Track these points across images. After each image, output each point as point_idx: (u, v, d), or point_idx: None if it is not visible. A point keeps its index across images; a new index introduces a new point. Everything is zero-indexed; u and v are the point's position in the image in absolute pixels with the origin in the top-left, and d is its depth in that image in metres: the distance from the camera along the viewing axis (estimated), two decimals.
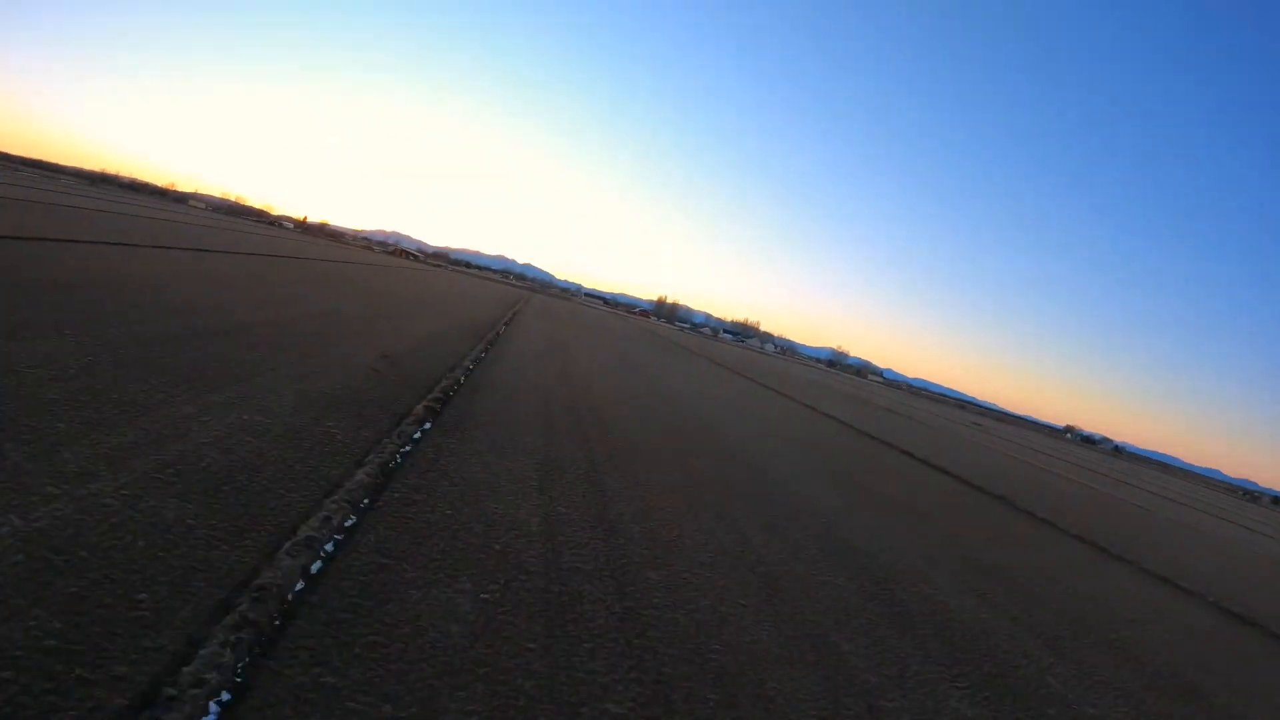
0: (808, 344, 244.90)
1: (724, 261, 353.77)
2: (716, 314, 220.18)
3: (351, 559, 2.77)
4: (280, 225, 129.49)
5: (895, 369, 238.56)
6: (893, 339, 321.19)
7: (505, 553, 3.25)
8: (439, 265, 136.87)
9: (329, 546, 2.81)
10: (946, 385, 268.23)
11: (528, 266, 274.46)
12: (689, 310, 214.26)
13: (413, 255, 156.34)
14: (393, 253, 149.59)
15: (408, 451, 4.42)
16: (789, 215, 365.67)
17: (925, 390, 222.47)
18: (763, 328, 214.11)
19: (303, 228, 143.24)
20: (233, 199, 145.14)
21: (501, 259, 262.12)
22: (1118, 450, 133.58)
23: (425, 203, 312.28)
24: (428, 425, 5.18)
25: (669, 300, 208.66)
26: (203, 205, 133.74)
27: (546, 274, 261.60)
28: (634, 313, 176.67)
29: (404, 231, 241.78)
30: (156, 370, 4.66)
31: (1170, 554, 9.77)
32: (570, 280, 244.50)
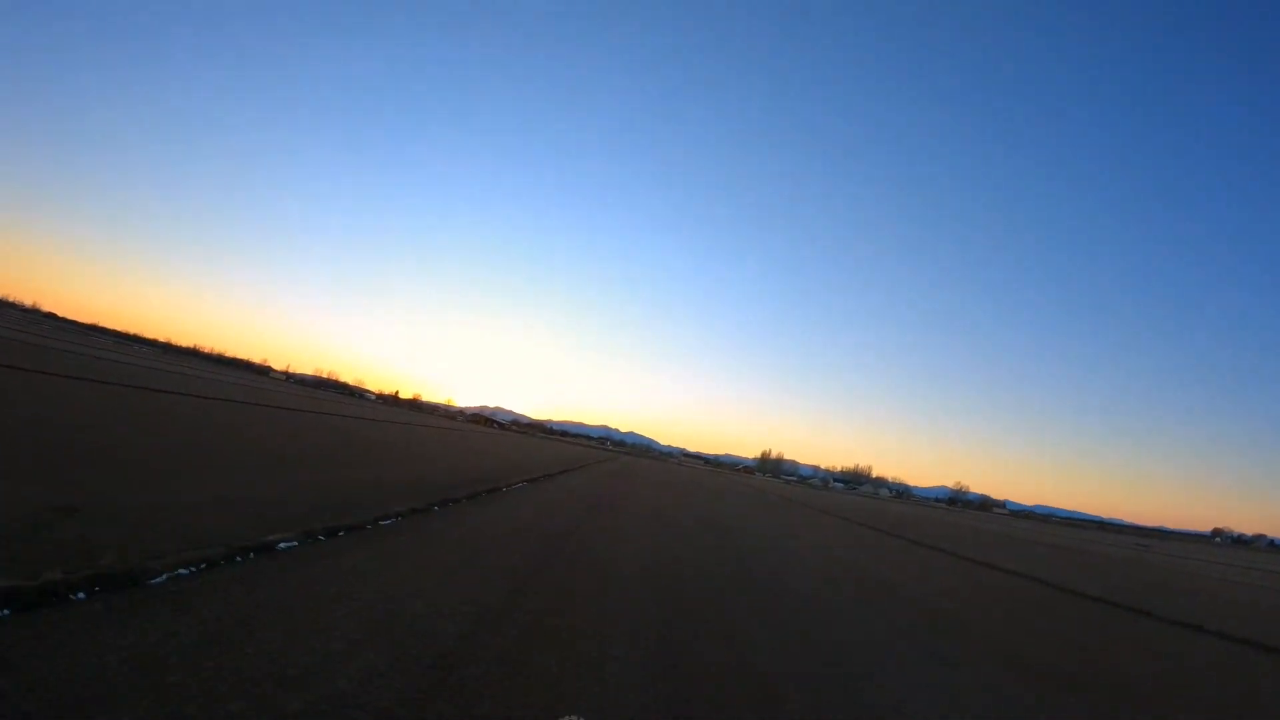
0: (922, 485, 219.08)
1: (828, 412, 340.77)
2: (825, 464, 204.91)
3: None
4: (362, 396, 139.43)
5: (1013, 499, 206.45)
6: (1009, 468, 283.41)
7: None
8: (524, 432, 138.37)
9: None
10: (1069, 508, 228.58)
11: (630, 434, 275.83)
12: (794, 464, 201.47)
13: (496, 423, 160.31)
14: (475, 420, 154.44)
15: None
16: (891, 358, 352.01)
17: (1054, 517, 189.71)
18: (875, 473, 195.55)
19: (389, 400, 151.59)
20: (325, 373, 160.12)
21: (604, 428, 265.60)
22: None
23: (529, 378, 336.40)
24: None
25: (773, 455, 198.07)
26: (283, 377, 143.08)
27: (649, 440, 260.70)
28: (737, 471, 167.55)
29: (506, 406, 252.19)
30: None
31: None
32: (674, 445, 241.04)
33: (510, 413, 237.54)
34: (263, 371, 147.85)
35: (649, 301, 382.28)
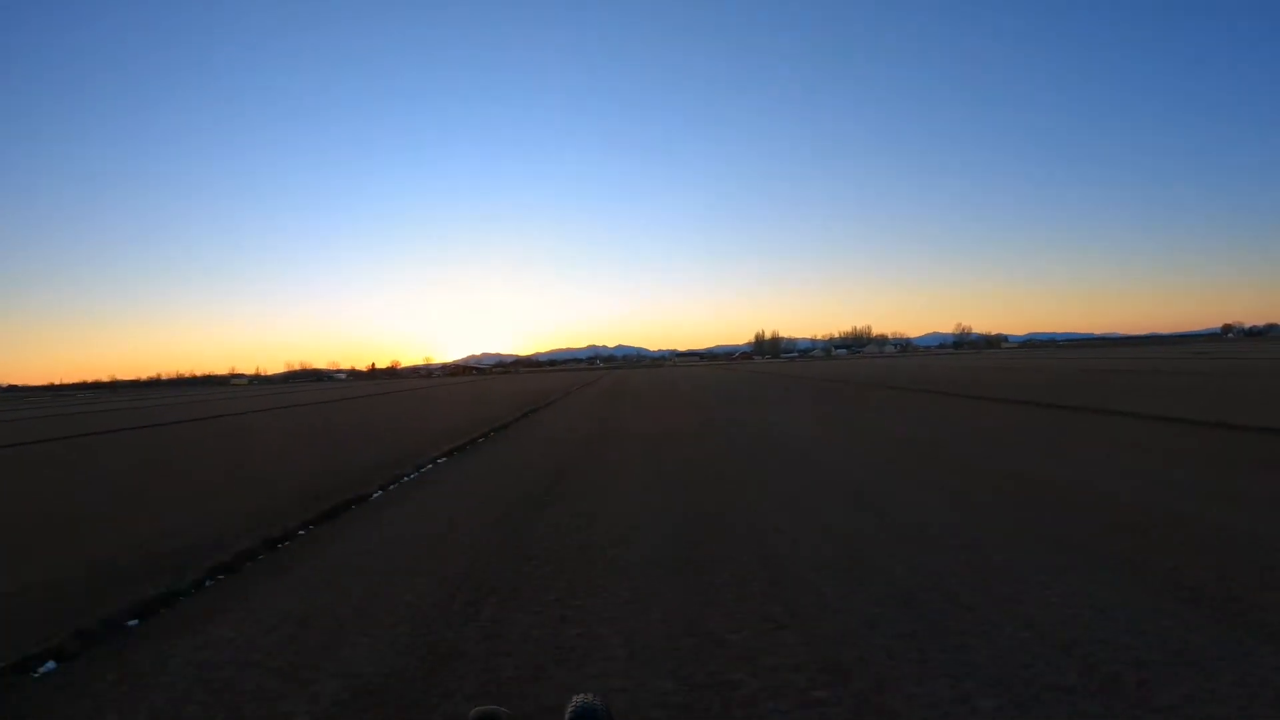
0: (924, 334, 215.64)
1: (817, 282, 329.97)
2: (824, 334, 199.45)
3: None
4: (330, 379, 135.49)
5: (1019, 332, 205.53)
6: (1011, 301, 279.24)
7: None
8: (506, 372, 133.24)
9: None
10: (1079, 331, 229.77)
11: (619, 348, 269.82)
12: (791, 341, 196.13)
13: (475, 371, 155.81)
14: (453, 372, 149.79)
15: None
16: (871, 211, 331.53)
17: (1055, 342, 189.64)
18: (875, 332, 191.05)
19: (363, 375, 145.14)
20: (297, 366, 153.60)
21: (592, 348, 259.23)
22: None
23: (510, 319, 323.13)
24: None
25: (767, 335, 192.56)
26: (244, 381, 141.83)
27: (638, 349, 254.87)
28: (734, 359, 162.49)
29: (492, 351, 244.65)
30: None
31: None
32: (664, 349, 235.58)
33: (496, 356, 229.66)
34: (222, 382, 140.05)
35: (609, 207, 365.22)
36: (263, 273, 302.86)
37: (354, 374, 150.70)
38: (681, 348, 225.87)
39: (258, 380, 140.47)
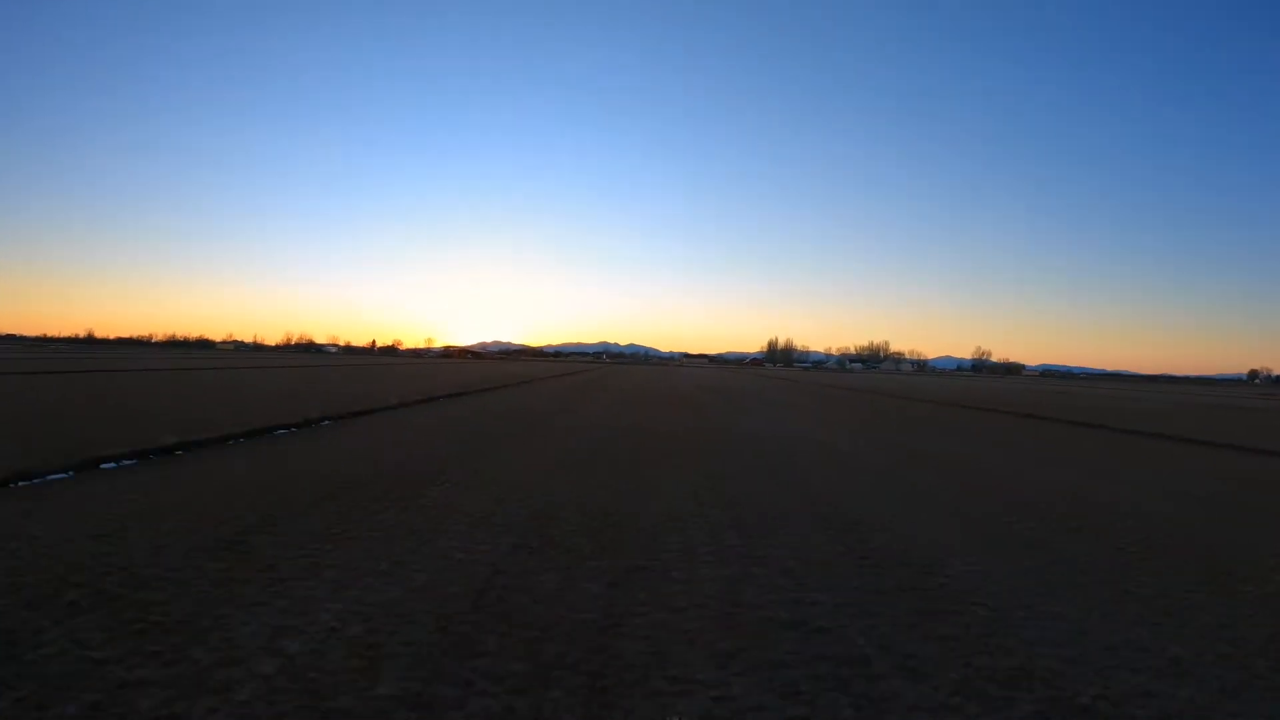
0: (947, 355, 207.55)
1: (831, 294, 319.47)
2: (837, 346, 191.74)
3: None
4: (319, 350, 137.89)
5: (1041, 361, 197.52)
6: (1032, 331, 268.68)
7: None
8: (503, 358, 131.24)
9: None
10: (1100, 366, 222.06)
11: (630, 346, 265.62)
12: (805, 352, 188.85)
13: (471, 354, 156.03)
14: (451, 355, 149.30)
15: None
16: (891, 227, 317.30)
17: (1078, 375, 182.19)
18: (893, 348, 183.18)
19: (357, 351, 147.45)
20: (295, 338, 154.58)
21: (603, 344, 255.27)
22: None
23: (527, 309, 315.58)
24: None
25: (780, 343, 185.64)
26: (231, 347, 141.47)
27: (648, 349, 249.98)
28: (745, 365, 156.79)
29: (504, 339, 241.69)
30: None
31: None
32: (675, 351, 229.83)
33: (506, 344, 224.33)
34: (207, 345, 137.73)
35: (630, 208, 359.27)
36: (279, 248, 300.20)
37: (348, 349, 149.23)
38: (693, 350, 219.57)
39: (245, 347, 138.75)
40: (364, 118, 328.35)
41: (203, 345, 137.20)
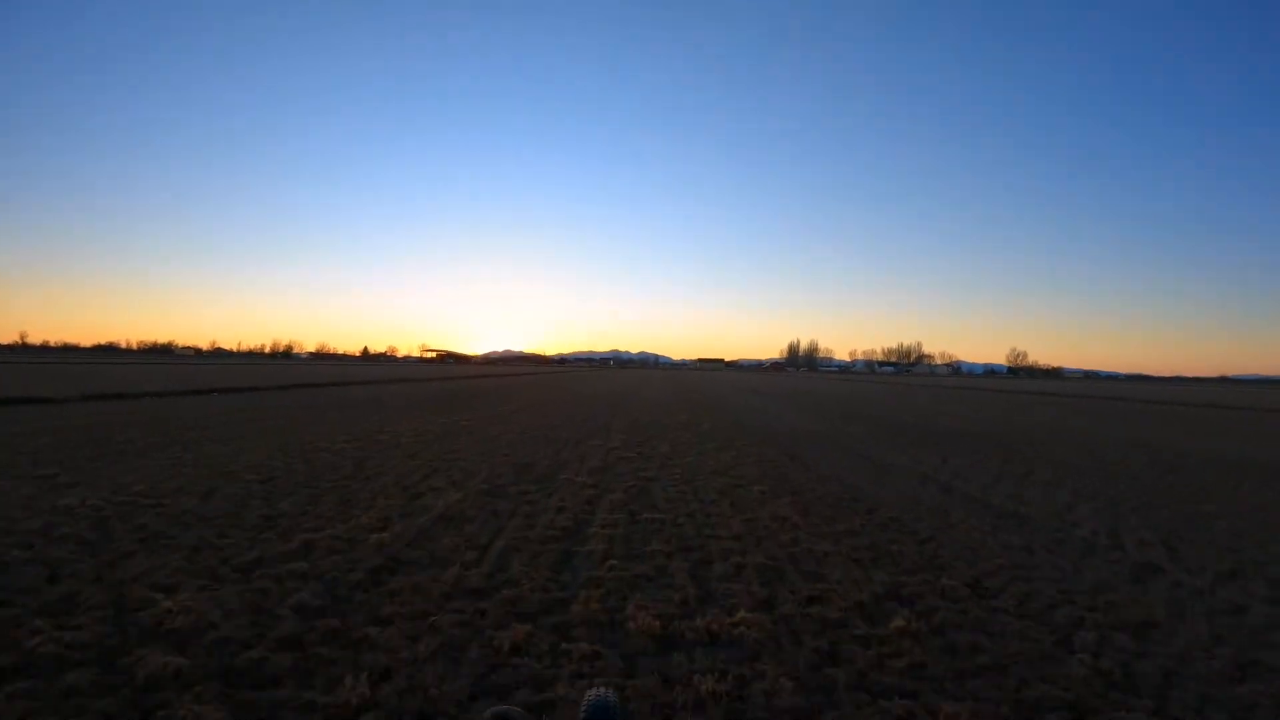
0: (973, 359, 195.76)
1: (851, 297, 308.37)
2: (863, 350, 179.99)
3: None
4: (293, 357, 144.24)
5: (1079, 365, 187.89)
6: (1068, 335, 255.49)
7: None
8: (494, 364, 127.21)
9: None
10: (1140, 370, 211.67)
11: (641, 354, 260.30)
12: (829, 354, 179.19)
13: (453, 358, 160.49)
14: (435, 358, 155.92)
15: None
16: (918, 225, 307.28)
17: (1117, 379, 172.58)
18: (925, 349, 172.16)
19: (324, 357, 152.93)
20: (279, 346, 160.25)
21: (613, 352, 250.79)
22: None
23: (541, 319, 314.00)
24: None
25: (801, 346, 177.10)
26: (191, 353, 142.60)
27: (657, 356, 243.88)
28: (763, 370, 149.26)
29: (514, 348, 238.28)
30: None
31: None
32: (686, 358, 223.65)
33: (517, 353, 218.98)
34: (166, 350, 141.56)
35: (644, 214, 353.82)
36: (276, 255, 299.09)
37: (314, 355, 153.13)
38: (709, 355, 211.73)
39: (217, 355, 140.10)
40: (381, 134, 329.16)
41: (161, 350, 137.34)
